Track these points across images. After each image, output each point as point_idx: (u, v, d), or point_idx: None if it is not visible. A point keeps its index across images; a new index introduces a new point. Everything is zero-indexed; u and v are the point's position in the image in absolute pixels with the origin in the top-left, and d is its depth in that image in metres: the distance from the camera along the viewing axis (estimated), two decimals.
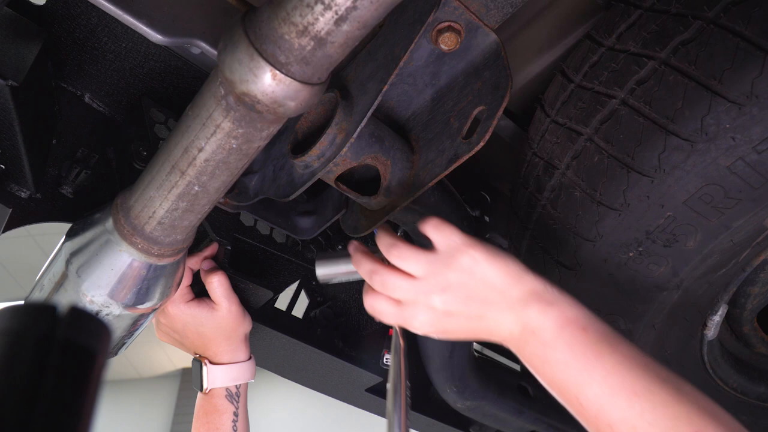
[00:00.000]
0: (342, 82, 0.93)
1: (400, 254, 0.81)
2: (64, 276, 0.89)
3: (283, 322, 1.26)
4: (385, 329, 1.40)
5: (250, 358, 1.14)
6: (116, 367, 6.46)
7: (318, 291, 1.43)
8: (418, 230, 0.89)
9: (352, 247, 0.88)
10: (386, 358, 1.34)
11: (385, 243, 0.83)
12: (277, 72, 0.61)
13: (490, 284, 0.77)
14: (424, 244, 0.84)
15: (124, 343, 1.02)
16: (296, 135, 0.94)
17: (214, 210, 0.88)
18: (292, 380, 1.47)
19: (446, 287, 0.78)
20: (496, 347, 1.70)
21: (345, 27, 0.59)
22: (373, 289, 0.83)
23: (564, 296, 0.75)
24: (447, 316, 0.79)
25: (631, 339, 1.11)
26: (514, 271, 0.77)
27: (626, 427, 0.66)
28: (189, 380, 6.42)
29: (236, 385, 1.12)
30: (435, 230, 0.81)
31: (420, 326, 0.81)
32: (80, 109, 1.15)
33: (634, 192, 0.92)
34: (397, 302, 0.81)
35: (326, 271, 0.94)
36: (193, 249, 1.10)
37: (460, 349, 1.32)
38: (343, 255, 0.93)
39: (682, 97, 0.86)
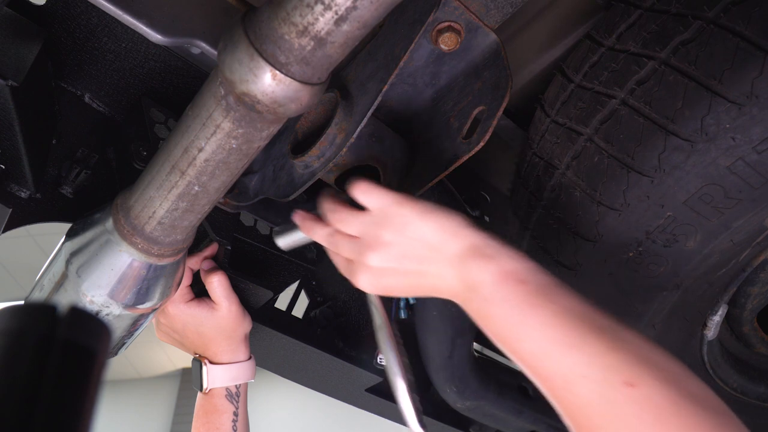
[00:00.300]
0: (342, 82, 0.93)
1: (339, 218, 0.82)
2: (64, 276, 0.89)
3: (283, 322, 1.26)
4: None
5: (250, 358, 1.14)
6: (116, 367, 6.46)
7: (318, 291, 1.43)
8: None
9: (298, 217, 0.89)
10: (380, 358, 1.34)
11: (325, 208, 0.84)
12: (277, 72, 0.61)
13: (424, 241, 0.76)
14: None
15: (124, 343, 1.02)
16: (296, 135, 0.94)
17: (214, 210, 0.88)
18: (292, 380, 1.47)
19: (380, 245, 0.78)
20: (497, 347, 1.70)
21: (345, 27, 0.59)
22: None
23: (504, 249, 0.73)
24: (385, 273, 0.79)
25: None
26: (450, 226, 0.76)
27: (560, 379, 0.64)
28: (189, 380, 6.42)
29: (236, 385, 1.12)
30: (363, 194, 0.81)
31: (362, 284, 0.81)
32: (80, 109, 1.15)
33: (634, 192, 0.92)
34: (348, 260, 0.82)
35: (286, 242, 0.95)
36: (193, 249, 1.10)
37: (460, 349, 1.32)
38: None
39: (682, 97, 0.86)
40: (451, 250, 0.75)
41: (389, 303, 0.92)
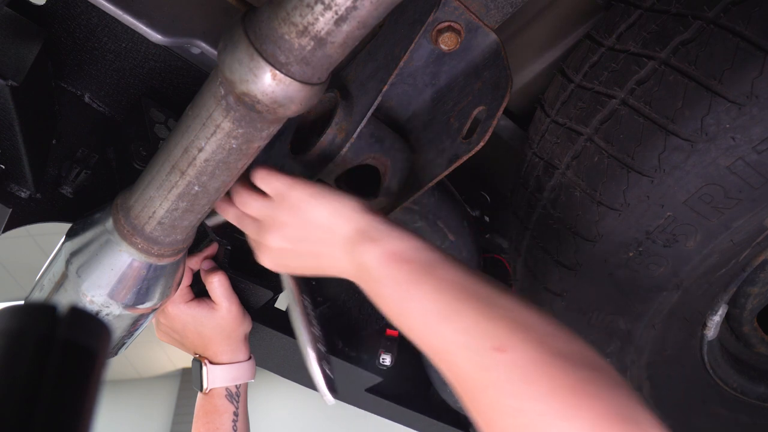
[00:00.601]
0: (342, 82, 0.93)
1: (242, 200, 0.85)
2: (64, 276, 0.89)
3: (283, 322, 1.26)
4: (384, 329, 1.40)
5: (250, 358, 1.14)
6: (116, 367, 6.46)
7: (318, 291, 1.43)
8: (419, 231, 0.89)
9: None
10: (383, 358, 1.34)
11: (233, 190, 0.87)
12: (277, 72, 0.61)
13: (317, 224, 0.79)
14: None
15: (124, 343, 1.02)
16: (296, 135, 0.94)
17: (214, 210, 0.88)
18: (292, 380, 1.47)
19: (277, 227, 0.82)
20: None
21: (345, 27, 0.59)
22: None
23: (391, 231, 0.75)
24: (283, 254, 0.83)
25: (631, 339, 1.11)
26: (342, 210, 0.78)
27: (443, 350, 0.66)
28: (189, 380, 6.41)
29: (236, 385, 1.12)
30: (261, 180, 0.84)
31: (264, 263, 0.86)
32: (80, 109, 1.15)
33: (634, 192, 0.92)
34: (253, 240, 0.87)
35: (211, 221, 1.00)
36: (193, 249, 1.10)
37: None
38: None
39: (682, 97, 0.86)
40: (342, 233, 0.77)
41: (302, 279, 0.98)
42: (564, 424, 0.55)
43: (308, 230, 0.80)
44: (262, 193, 0.84)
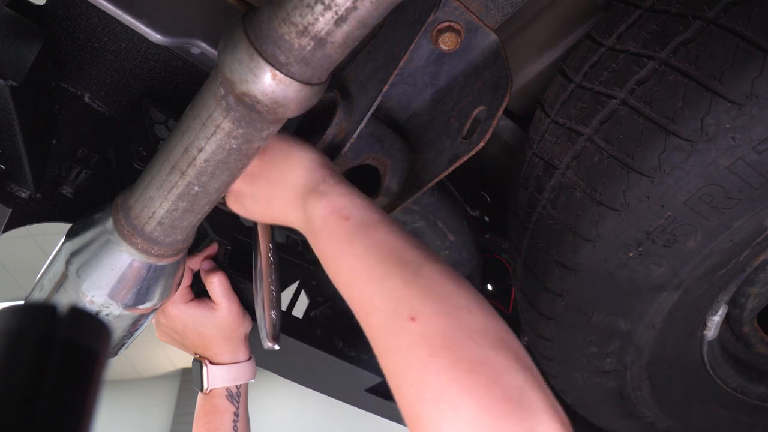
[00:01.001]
0: (342, 82, 0.93)
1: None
2: (64, 276, 0.89)
3: (283, 322, 1.26)
4: None
5: (250, 358, 1.13)
6: (116, 367, 6.46)
7: (318, 291, 1.43)
8: (419, 231, 0.90)
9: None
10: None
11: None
12: (277, 72, 0.61)
13: (276, 169, 0.81)
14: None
15: (124, 344, 1.02)
16: (296, 135, 0.94)
17: (214, 210, 0.88)
18: (292, 380, 1.47)
19: (250, 174, 0.83)
20: None
21: (345, 27, 0.59)
22: None
23: (338, 187, 0.76)
24: (243, 196, 0.85)
25: (631, 339, 1.11)
26: (302, 160, 0.80)
27: (362, 310, 0.67)
28: (189, 380, 6.41)
29: (236, 386, 1.12)
30: None
31: (229, 203, 0.88)
32: (80, 109, 1.15)
33: (634, 192, 0.92)
34: None
35: None
36: (193, 249, 1.10)
37: None
38: None
39: (682, 97, 0.86)
40: (295, 183, 0.79)
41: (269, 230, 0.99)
42: (454, 402, 0.55)
43: (266, 174, 0.82)
44: None
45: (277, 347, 0.96)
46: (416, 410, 0.58)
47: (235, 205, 0.88)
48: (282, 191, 0.80)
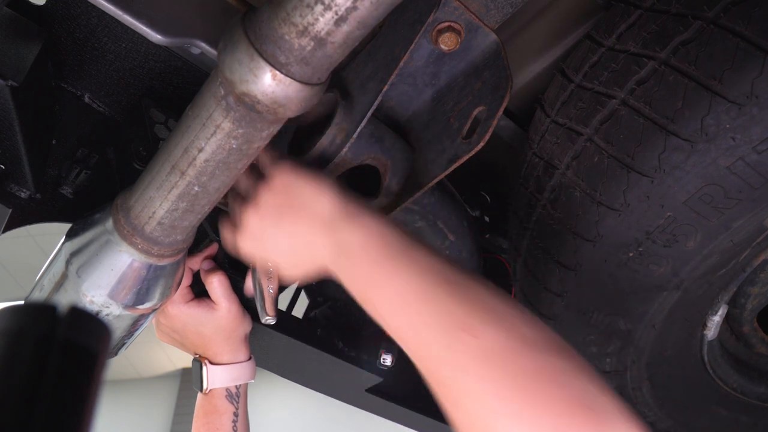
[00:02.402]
0: (342, 82, 0.93)
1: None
2: (64, 276, 0.89)
3: (283, 322, 1.26)
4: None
5: (250, 359, 1.13)
6: (116, 367, 6.46)
7: (318, 291, 1.43)
8: (419, 231, 0.89)
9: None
10: (383, 359, 1.34)
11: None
12: (277, 72, 0.61)
13: (298, 199, 0.80)
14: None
15: (124, 344, 1.02)
16: (296, 135, 0.94)
17: (214, 210, 0.88)
18: (292, 380, 1.47)
19: (258, 202, 0.81)
20: None
21: (345, 27, 0.59)
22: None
23: (367, 212, 0.77)
24: (261, 232, 0.82)
25: (631, 339, 1.11)
26: (322, 188, 0.79)
27: (413, 331, 0.67)
28: (189, 380, 6.41)
29: (236, 386, 1.12)
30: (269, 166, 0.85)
31: (244, 246, 0.85)
32: (80, 109, 1.15)
33: (634, 192, 0.92)
34: (232, 227, 0.86)
35: None
36: (193, 249, 1.10)
37: None
38: None
39: (682, 97, 0.86)
40: (321, 210, 0.78)
41: None
42: (526, 410, 0.55)
43: (289, 205, 0.80)
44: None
45: (273, 321, 0.96)
46: (486, 423, 0.57)
47: (251, 247, 0.84)
48: (307, 220, 0.78)
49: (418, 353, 0.66)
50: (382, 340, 1.38)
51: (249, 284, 1.00)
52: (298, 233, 0.79)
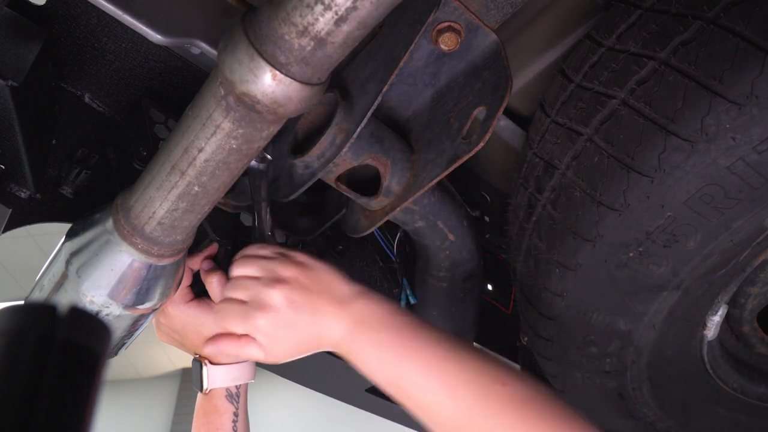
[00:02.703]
0: (342, 82, 0.93)
1: (243, 268, 0.92)
2: (64, 276, 0.89)
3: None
4: None
5: None
6: (116, 367, 6.45)
7: None
8: (419, 231, 0.90)
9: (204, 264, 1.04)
10: None
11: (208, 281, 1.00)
12: (277, 72, 0.61)
13: (322, 279, 0.88)
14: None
15: (124, 344, 1.02)
16: (296, 135, 0.94)
17: (214, 210, 0.88)
18: (292, 380, 1.47)
19: (283, 282, 0.87)
20: (497, 347, 1.70)
21: (345, 27, 0.59)
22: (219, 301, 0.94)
23: (379, 294, 0.88)
24: (284, 313, 0.86)
25: (631, 339, 1.11)
26: (337, 273, 0.89)
27: (449, 387, 0.77)
28: (189, 380, 6.41)
29: (236, 386, 1.11)
30: (260, 249, 0.93)
31: (260, 328, 0.88)
32: (80, 109, 1.15)
33: (634, 192, 0.92)
34: (241, 302, 0.89)
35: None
36: (193, 249, 1.10)
37: None
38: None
39: (682, 97, 0.86)
40: (340, 291, 0.87)
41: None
42: None
43: (312, 285, 0.87)
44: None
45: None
46: None
47: (270, 327, 0.88)
48: (327, 300, 0.86)
49: (448, 408, 0.77)
50: None
51: None
52: (318, 311, 0.86)
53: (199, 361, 1.10)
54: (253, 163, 0.91)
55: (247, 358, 0.98)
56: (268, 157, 0.95)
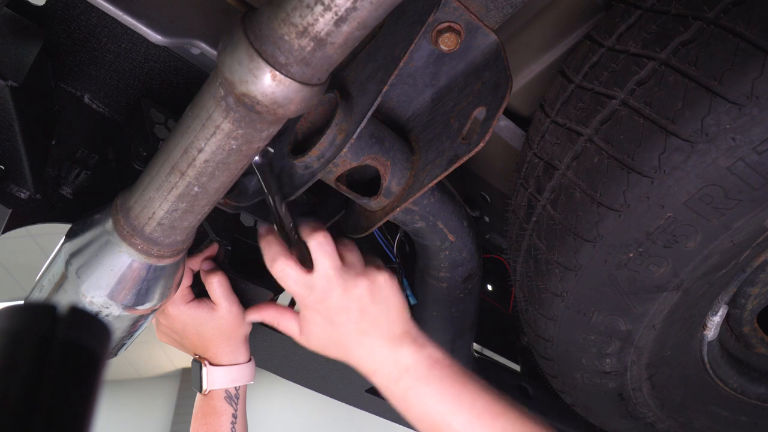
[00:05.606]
0: (342, 82, 0.93)
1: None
2: (63, 277, 0.89)
3: None
4: None
5: (249, 360, 1.13)
6: (116, 367, 6.45)
7: None
8: (419, 231, 0.91)
9: (263, 229, 0.96)
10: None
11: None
12: (277, 73, 0.61)
13: (387, 305, 0.90)
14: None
15: (124, 344, 1.02)
16: (296, 135, 0.94)
17: (214, 210, 0.88)
18: (292, 380, 1.47)
19: (349, 287, 0.90)
20: (497, 347, 1.70)
21: (345, 28, 0.59)
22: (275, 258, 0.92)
23: (428, 339, 0.91)
24: (341, 315, 0.89)
25: (631, 340, 1.11)
26: (402, 306, 0.91)
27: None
28: (189, 380, 6.40)
29: (235, 387, 1.11)
30: (352, 245, 0.94)
31: (311, 320, 0.92)
32: (80, 109, 1.15)
33: (634, 193, 0.92)
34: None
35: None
36: (193, 249, 1.10)
37: (460, 349, 1.32)
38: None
39: (683, 97, 0.86)
40: (394, 328, 0.89)
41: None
42: None
43: (376, 306, 0.89)
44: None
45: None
46: None
47: (322, 318, 0.90)
48: (380, 328, 0.89)
49: None
50: None
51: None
52: (368, 334, 0.89)
53: (198, 362, 1.10)
54: (257, 158, 0.90)
55: (285, 330, 0.98)
56: (270, 150, 0.94)
